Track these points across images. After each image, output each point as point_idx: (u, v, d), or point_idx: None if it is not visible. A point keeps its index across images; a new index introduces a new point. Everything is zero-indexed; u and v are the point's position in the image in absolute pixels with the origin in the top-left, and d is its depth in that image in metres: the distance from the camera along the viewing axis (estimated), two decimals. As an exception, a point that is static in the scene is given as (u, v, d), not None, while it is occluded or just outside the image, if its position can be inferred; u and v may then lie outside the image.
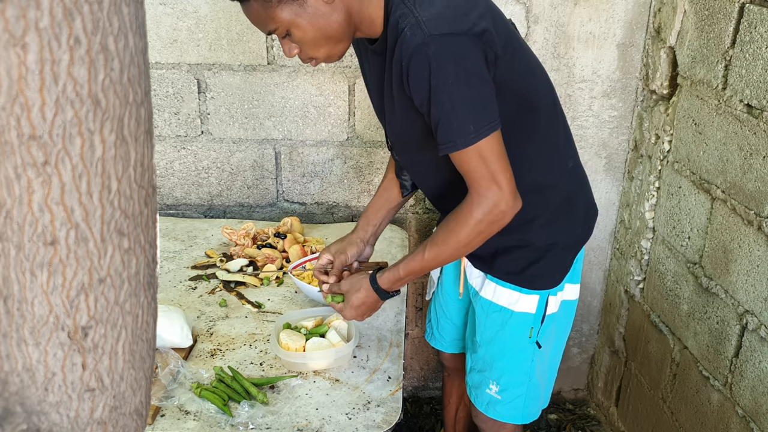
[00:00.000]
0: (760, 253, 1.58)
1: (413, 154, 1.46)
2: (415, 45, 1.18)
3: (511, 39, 1.31)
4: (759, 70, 1.55)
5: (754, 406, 1.61)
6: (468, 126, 1.20)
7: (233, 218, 2.31)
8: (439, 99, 1.20)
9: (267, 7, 1.20)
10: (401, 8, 1.23)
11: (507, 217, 1.27)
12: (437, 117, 1.22)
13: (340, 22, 1.25)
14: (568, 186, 1.49)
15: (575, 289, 1.58)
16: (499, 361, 1.57)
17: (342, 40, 1.28)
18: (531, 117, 1.38)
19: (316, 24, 1.23)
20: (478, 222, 1.27)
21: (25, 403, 0.53)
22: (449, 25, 1.19)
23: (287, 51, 1.29)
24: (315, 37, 1.25)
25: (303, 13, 1.21)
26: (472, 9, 1.24)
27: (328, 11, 1.23)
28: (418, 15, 1.20)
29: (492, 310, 1.53)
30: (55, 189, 0.48)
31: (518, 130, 1.36)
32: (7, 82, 0.44)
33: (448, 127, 1.21)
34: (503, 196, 1.25)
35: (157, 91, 2.16)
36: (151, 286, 0.59)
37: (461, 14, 1.22)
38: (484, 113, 1.21)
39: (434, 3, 1.23)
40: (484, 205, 1.25)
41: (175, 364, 1.46)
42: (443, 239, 1.34)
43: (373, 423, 1.35)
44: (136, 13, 0.50)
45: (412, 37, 1.19)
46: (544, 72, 1.45)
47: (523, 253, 1.48)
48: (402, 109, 1.32)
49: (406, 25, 1.20)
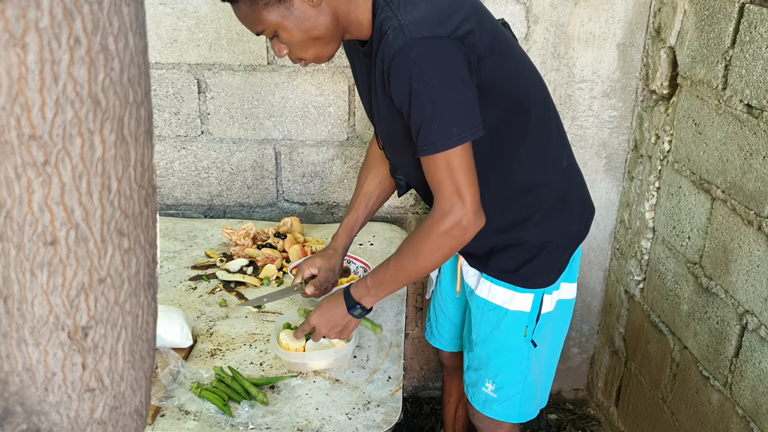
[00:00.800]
0: (760, 253, 1.58)
1: (401, 152, 1.46)
2: (396, 48, 1.18)
3: (499, 39, 1.31)
4: (759, 70, 1.55)
5: (754, 406, 1.61)
6: (450, 129, 1.20)
7: (233, 218, 2.31)
8: (420, 102, 1.20)
9: (254, 9, 1.21)
10: (385, 11, 1.24)
11: (468, 233, 1.27)
12: (419, 120, 1.21)
13: (327, 25, 1.26)
14: (562, 184, 1.50)
15: (572, 288, 1.58)
16: (495, 359, 1.57)
17: (330, 41, 1.29)
18: (522, 117, 1.38)
19: (302, 26, 1.24)
20: (439, 236, 1.27)
21: (25, 403, 0.53)
22: (432, 28, 1.19)
23: (277, 51, 1.31)
24: (302, 39, 1.26)
25: (289, 16, 1.22)
26: (456, 11, 1.24)
27: (314, 14, 1.23)
28: (401, 18, 1.20)
29: (487, 308, 1.54)
30: (55, 189, 0.48)
31: (509, 131, 1.36)
32: (7, 82, 0.44)
33: (429, 130, 1.21)
34: (466, 212, 1.25)
35: (157, 91, 2.16)
36: (151, 286, 0.59)
37: (444, 17, 1.22)
38: (467, 117, 1.21)
39: (418, 6, 1.23)
40: (446, 221, 1.26)
41: (175, 364, 1.46)
42: (406, 252, 1.35)
43: (373, 423, 1.35)
44: (136, 13, 0.50)
45: (394, 40, 1.19)
46: (536, 71, 1.45)
47: (518, 251, 1.48)
48: (386, 109, 1.32)
49: (388, 28, 1.21)
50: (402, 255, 1.36)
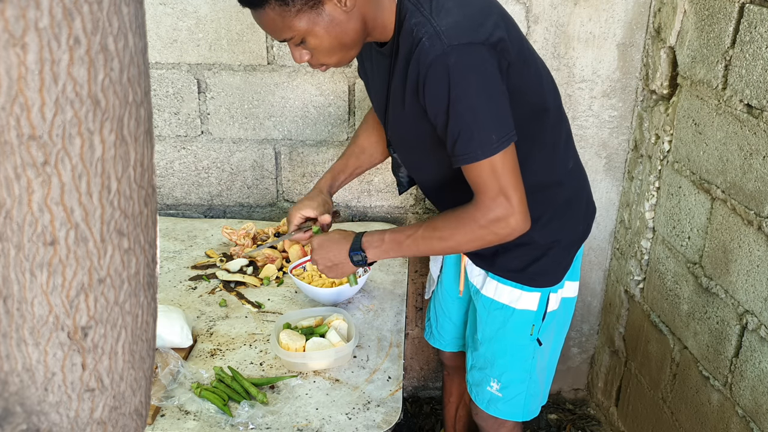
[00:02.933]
0: (760, 253, 1.58)
1: (419, 155, 1.46)
2: (434, 56, 1.17)
3: (524, 46, 1.32)
4: (759, 70, 1.55)
5: (754, 406, 1.61)
6: (490, 136, 1.20)
7: (233, 218, 2.31)
8: (458, 110, 1.19)
9: (285, 17, 1.18)
10: (416, 16, 1.22)
11: (515, 233, 1.28)
12: (456, 128, 1.21)
13: (356, 30, 1.25)
14: (569, 185, 1.51)
15: (574, 287, 1.60)
16: (501, 358, 1.57)
17: (354, 46, 1.28)
18: (540, 120, 1.38)
19: (332, 32, 1.22)
20: (481, 227, 1.27)
21: (25, 403, 0.53)
22: (468, 35, 1.18)
23: (297, 57, 1.27)
24: (331, 45, 1.24)
25: (320, 22, 1.20)
26: (487, 18, 1.23)
27: (344, 19, 1.22)
28: (436, 24, 1.19)
29: (493, 307, 1.54)
30: (55, 189, 0.48)
31: (527, 134, 1.36)
32: (7, 82, 0.44)
33: (469, 138, 1.21)
34: (513, 211, 1.24)
35: (157, 91, 2.16)
36: (151, 286, 0.59)
37: (477, 24, 1.21)
38: (504, 124, 1.22)
39: (450, 12, 1.22)
40: (490, 214, 1.25)
41: (175, 364, 1.46)
42: (440, 229, 1.32)
43: (373, 423, 1.35)
44: (136, 13, 0.50)
45: (431, 47, 1.18)
46: (550, 75, 1.45)
47: (525, 251, 1.49)
48: (413, 116, 1.31)
49: (423, 34, 1.20)
50: (434, 229, 1.33)
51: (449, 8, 1.22)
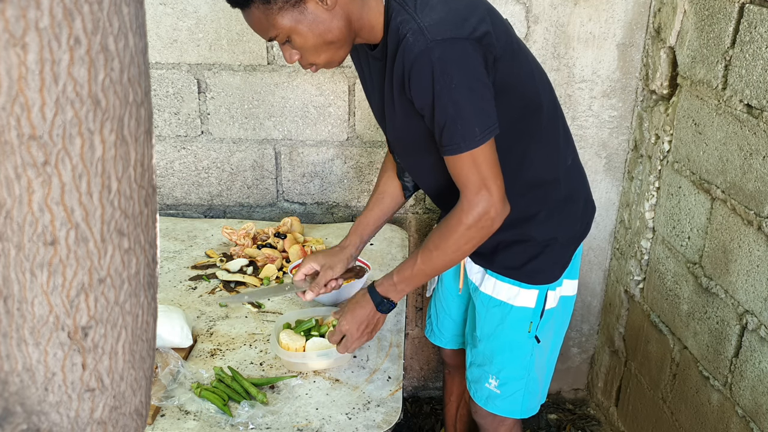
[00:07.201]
0: (760, 253, 1.58)
1: (414, 156, 1.47)
2: (418, 51, 1.20)
3: (511, 40, 1.33)
4: (759, 70, 1.55)
5: (754, 406, 1.61)
6: (473, 129, 1.23)
7: (233, 218, 2.31)
8: (443, 103, 1.21)
9: (268, 15, 1.21)
10: (401, 14, 1.24)
11: (496, 223, 1.30)
12: (442, 121, 1.23)
13: (341, 28, 1.26)
14: (567, 182, 1.51)
15: (573, 285, 1.60)
16: (499, 355, 1.58)
17: (342, 46, 1.29)
18: (534, 116, 1.40)
19: (316, 30, 1.24)
20: (468, 228, 1.29)
21: (25, 403, 0.53)
22: (451, 30, 1.20)
23: (288, 57, 1.30)
24: (315, 44, 1.26)
25: (303, 20, 1.22)
26: (472, 13, 1.25)
27: (328, 18, 1.24)
28: (420, 21, 1.21)
29: (492, 304, 1.55)
30: (55, 189, 0.48)
31: (522, 130, 1.38)
32: (7, 82, 0.44)
33: (453, 131, 1.23)
34: (493, 202, 1.27)
35: (157, 91, 2.16)
36: (151, 286, 0.59)
37: (461, 19, 1.23)
38: (487, 117, 1.24)
39: (435, 8, 1.24)
40: (474, 212, 1.28)
41: (175, 364, 1.46)
42: (435, 245, 1.36)
43: (373, 423, 1.35)
44: (136, 13, 0.50)
45: (414, 43, 1.20)
46: (543, 71, 1.47)
47: (524, 248, 1.50)
48: (403, 112, 1.33)
49: (407, 31, 1.22)
50: (430, 249, 1.36)
51: (434, 5, 1.24)
